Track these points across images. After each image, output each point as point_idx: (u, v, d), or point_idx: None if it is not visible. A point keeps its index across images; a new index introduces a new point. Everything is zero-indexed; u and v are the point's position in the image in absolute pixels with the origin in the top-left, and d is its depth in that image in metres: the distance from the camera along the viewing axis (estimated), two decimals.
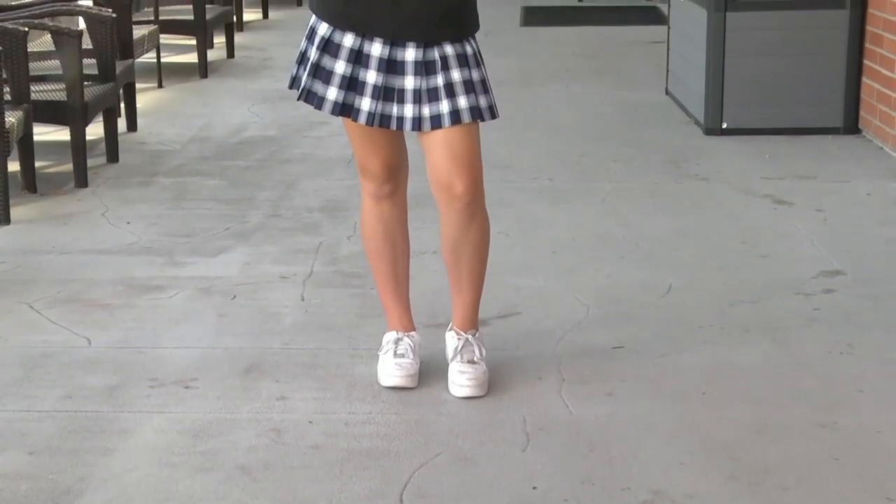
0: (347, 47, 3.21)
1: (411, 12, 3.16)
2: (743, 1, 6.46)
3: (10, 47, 5.13)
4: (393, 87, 3.21)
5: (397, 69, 3.21)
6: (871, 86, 6.35)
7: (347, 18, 3.20)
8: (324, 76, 3.24)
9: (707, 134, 6.56)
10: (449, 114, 3.19)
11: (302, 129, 6.74)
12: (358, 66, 3.22)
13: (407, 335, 3.52)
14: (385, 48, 3.20)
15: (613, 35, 10.13)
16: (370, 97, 3.22)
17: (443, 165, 3.24)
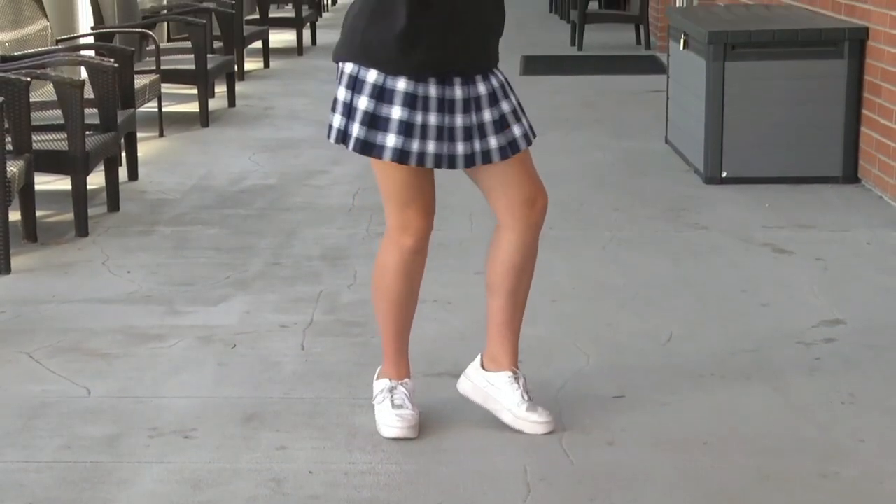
0: (402, 92, 3.23)
1: (475, 47, 3.29)
2: (741, 51, 6.49)
3: (13, 97, 5.16)
4: (454, 125, 3.27)
5: (455, 107, 3.27)
6: (869, 135, 6.38)
7: (406, 62, 3.22)
8: (381, 124, 3.24)
9: (707, 183, 6.57)
10: (522, 137, 3.36)
11: (302, 178, 6.76)
12: (415, 110, 3.23)
13: (401, 383, 3.51)
14: (440, 88, 3.24)
15: (613, 84, 10.18)
16: (434, 139, 3.25)
17: (526, 184, 3.39)
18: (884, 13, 6.22)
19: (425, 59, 3.23)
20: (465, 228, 5.64)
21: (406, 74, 3.22)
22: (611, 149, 7.55)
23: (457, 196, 5.82)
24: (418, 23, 3.19)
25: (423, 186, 3.35)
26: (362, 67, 3.25)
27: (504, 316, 3.49)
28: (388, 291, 3.45)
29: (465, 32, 3.26)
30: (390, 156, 3.24)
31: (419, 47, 3.21)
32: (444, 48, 3.23)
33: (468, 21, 3.26)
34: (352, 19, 3.30)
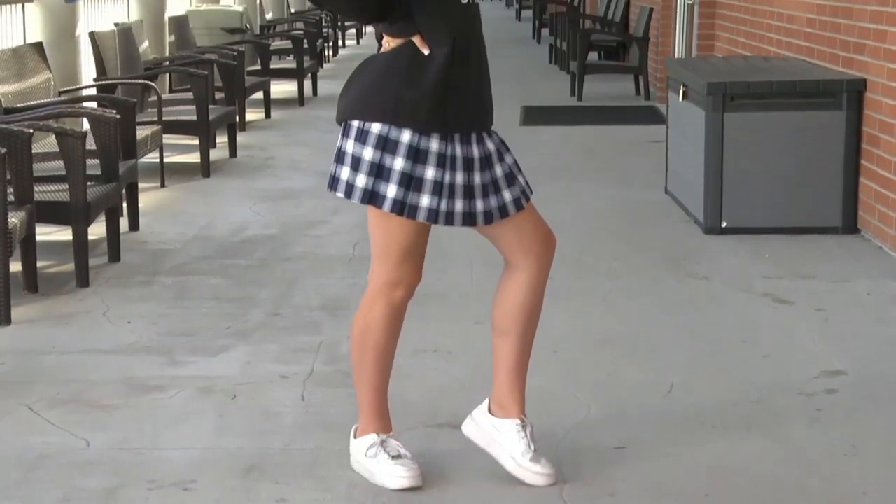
0: (435, 152, 3.26)
1: (487, 101, 3.38)
2: (740, 102, 6.53)
3: (15, 149, 5.17)
4: (473, 183, 3.32)
5: (474, 165, 3.32)
6: (868, 186, 6.40)
7: (440, 121, 3.26)
8: (416, 185, 3.25)
9: (707, 233, 6.58)
10: (526, 185, 3.44)
11: (303, 228, 6.77)
12: (445, 170, 3.27)
13: (389, 436, 3.49)
14: (463, 147, 3.30)
15: (613, 134, 10.22)
16: (461, 198, 3.29)
17: (542, 225, 3.47)
18: (881, 65, 6.25)
19: (458, 116, 3.28)
20: (466, 278, 5.64)
21: (439, 133, 3.26)
22: (611, 198, 7.57)
23: (456, 246, 5.84)
24: (456, 79, 3.25)
25: (424, 242, 3.38)
26: (393, 127, 3.25)
27: (513, 360, 3.50)
28: (376, 347, 3.43)
29: (481, 89, 3.34)
30: (425, 216, 3.27)
31: (454, 104, 3.26)
32: (473, 104, 3.31)
33: (484, 79, 3.36)
34: (374, 77, 3.29)
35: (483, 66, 3.35)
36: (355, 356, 3.47)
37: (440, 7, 3.25)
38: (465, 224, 3.34)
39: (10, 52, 6.78)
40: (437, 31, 3.24)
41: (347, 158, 3.30)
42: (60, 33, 7.92)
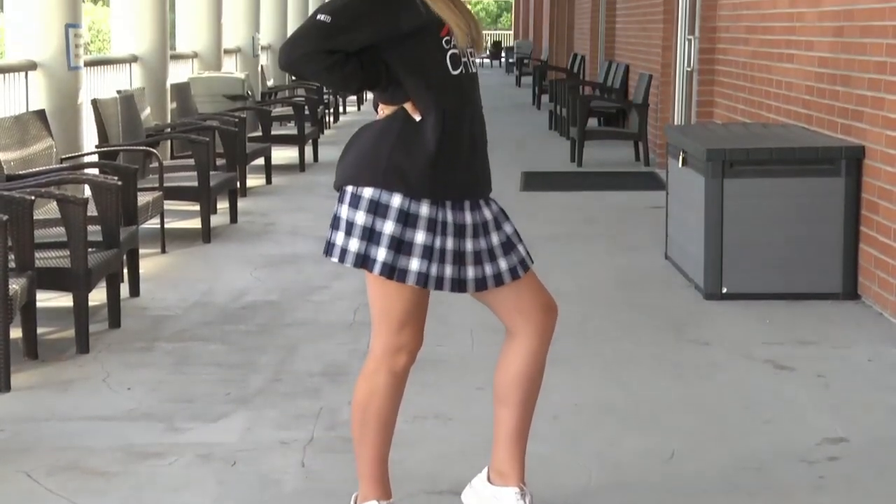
0: (426, 217, 3.28)
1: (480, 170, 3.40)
2: (739, 168, 6.55)
3: (17, 215, 5.19)
4: (465, 250, 3.33)
5: (466, 232, 3.34)
6: (868, 252, 6.41)
7: (432, 186, 3.28)
8: (405, 249, 3.27)
9: (707, 299, 6.59)
10: (527, 255, 3.47)
11: (303, 294, 6.78)
12: (436, 235, 3.29)
13: (390, 503, 3.47)
14: (455, 213, 3.31)
15: (612, 200, 10.25)
16: (451, 264, 3.30)
17: (540, 292, 3.48)
18: (879, 132, 6.29)
19: (448, 183, 3.30)
20: (466, 345, 5.63)
21: (429, 199, 3.28)
22: (611, 264, 7.58)
23: (456, 312, 5.83)
24: (447, 147, 3.28)
25: (424, 308, 3.39)
26: (385, 191, 3.27)
27: (513, 428, 3.49)
28: (378, 415, 3.41)
29: (474, 159, 3.36)
30: (414, 280, 3.27)
31: (444, 171, 3.28)
32: (465, 172, 3.33)
33: (479, 145, 3.38)
34: (368, 144, 3.32)
35: (477, 135, 3.37)
36: (356, 423, 3.45)
37: (429, 77, 3.28)
38: (455, 290, 3.33)
39: (13, 120, 6.82)
40: (428, 100, 3.27)
41: (342, 224, 3.33)
42: (63, 100, 7.97)
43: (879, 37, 6.34)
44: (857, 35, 6.70)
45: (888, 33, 6.22)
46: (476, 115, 3.38)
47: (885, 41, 6.25)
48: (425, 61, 3.26)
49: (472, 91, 3.37)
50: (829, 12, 7.20)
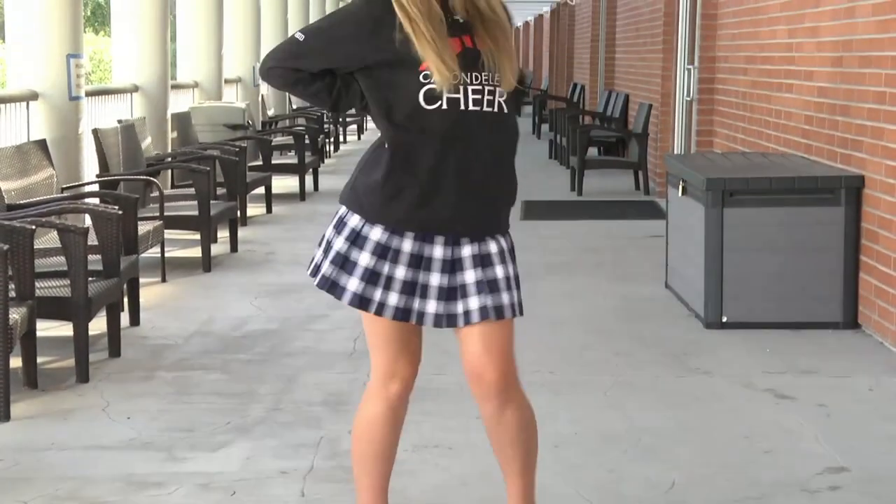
0: (374, 241, 3.25)
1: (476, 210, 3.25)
2: (739, 197, 6.56)
3: (17, 245, 5.19)
4: (428, 283, 3.26)
5: (432, 266, 3.27)
6: (868, 281, 6.41)
7: (411, 221, 3.23)
8: (348, 267, 3.27)
9: (707, 328, 6.58)
10: (494, 308, 3.25)
11: (304, 323, 6.77)
12: (383, 260, 3.25)
13: None
14: (417, 244, 3.25)
15: (613, 229, 10.26)
16: (398, 292, 3.25)
17: (476, 357, 3.29)
18: (879, 162, 6.30)
19: (403, 214, 3.23)
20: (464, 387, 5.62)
21: (383, 224, 3.25)
22: (611, 293, 7.58)
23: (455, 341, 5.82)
24: (398, 178, 3.22)
25: (410, 335, 3.35)
26: (349, 211, 3.30)
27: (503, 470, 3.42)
28: (375, 443, 3.40)
29: (469, 196, 3.24)
30: (348, 299, 3.27)
31: (399, 202, 3.22)
32: (425, 208, 3.22)
33: (473, 185, 3.24)
34: (355, 167, 3.37)
35: (473, 174, 3.24)
36: (355, 452, 3.45)
37: (392, 108, 3.22)
38: (411, 321, 3.27)
39: (14, 150, 6.83)
40: (387, 130, 3.24)
41: (323, 241, 3.36)
42: (64, 130, 7.99)
43: (878, 67, 6.36)
44: (855, 65, 6.72)
45: (887, 63, 6.24)
46: (472, 154, 3.23)
47: (884, 71, 6.27)
48: (392, 93, 3.21)
49: (465, 128, 3.22)
50: (828, 42, 7.23)
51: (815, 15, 7.50)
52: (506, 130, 3.27)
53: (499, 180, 3.29)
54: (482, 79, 3.21)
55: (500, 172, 3.29)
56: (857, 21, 6.73)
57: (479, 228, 3.29)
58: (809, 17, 7.61)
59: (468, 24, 3.24)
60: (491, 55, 3.22)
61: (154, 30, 10.65)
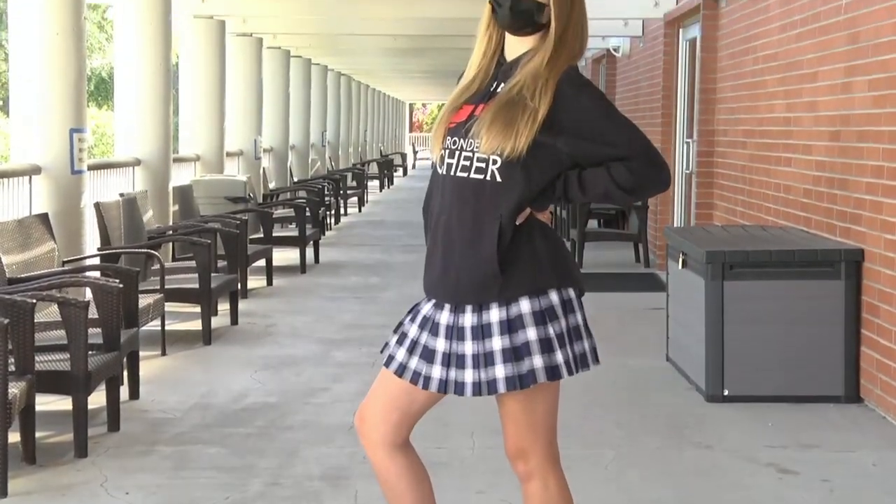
0: (422, 314, 3.35)
1: (456, 276, 3.25)
2: (739, 270, 6.57)
3: (17, 319, 5.19)
4: (435, 348, 3.29)
5: (438, 331, 3.29)
6: (870, 355, 6.40)
7: (423, 283, 3.35)
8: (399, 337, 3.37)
9: (709, 401, 6.56)
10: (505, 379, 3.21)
11: (304, 396, 6.75)
12: (425, 331, 3.32)
13: None
14: (432, 310, 3.31)
15: (613, 301, 10.26)
16: (440, 364, 3.27)
17: (512, 434, 3.30)
18: (878, 235, 6.32)
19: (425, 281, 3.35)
20: (466, 447, 5.60)
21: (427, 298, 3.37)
22: (612, 365, 7.56)
23: (456, 413, 5.80)
24: (428, 246, 3.35)
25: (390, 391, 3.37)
26: None
27: None
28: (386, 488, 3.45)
29: (438, 261, 3.29)
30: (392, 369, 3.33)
31: (426, 271, 3.34)
32: (437, 275, 3.30)
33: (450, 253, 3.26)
34: None
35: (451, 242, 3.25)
36: None
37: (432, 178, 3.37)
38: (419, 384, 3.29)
39: (16, 223, 6.85)
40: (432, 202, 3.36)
41: None
42: (66, 204, 8.02)
43: (876, 141, 6.40)
44: (853, 139, 6.76)
45: (884, 138, 6.28)
46: (455, 220, 3.25)
47: (882, 146, 6.31)
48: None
49: (452, 194, 3.25)
50: (825, 117, 7.28)
51: (812, 90, 7.56)
52: (490, 199, 3.21)
53: (479, 249, 3.21)
54: (473, 145, 3.23)
55: (478, 240, 3.22)
56: (854, 96, 6.79)
57: (457, 296, 3.25)
58: (807, 92, 7.66)
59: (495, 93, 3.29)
60: (479, 122, 3.22)
61: (156, 104, 10.74)
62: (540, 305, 3.21)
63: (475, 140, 3.21)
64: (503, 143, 3.17)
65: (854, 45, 6.81)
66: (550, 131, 3.18)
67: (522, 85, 3.20)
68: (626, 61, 15.96)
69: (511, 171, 3.19)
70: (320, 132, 23.46)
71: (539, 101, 3.18)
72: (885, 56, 6.32)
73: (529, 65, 3.23)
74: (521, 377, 3.20)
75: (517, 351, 3.20)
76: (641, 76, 14.58)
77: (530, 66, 3.23)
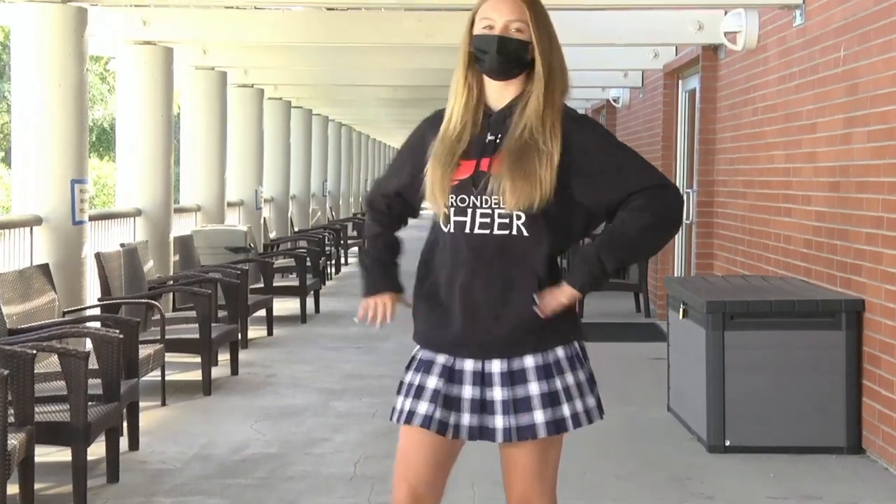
0: (441, 364, 3.29)
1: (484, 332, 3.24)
2: (740, 320, 6.57)
3: (17, 370, 5.18)
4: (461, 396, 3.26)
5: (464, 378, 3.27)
6: (872, 406, 6.38)
7: (429, 339, 3.31)
8: (415, 392, 3.28)
9: (710, 451, 6.54)
10: (517, 428, 3.22)
11: (304, 446, 6.73)
12: (451, 383, 3.26)
13: None
14: (478, 362, 3.26)
15: (614, 351, 10.24)
16: (468, 412, 3.24)
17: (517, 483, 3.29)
18: (878, 286, 6.32)
19: (425, 331, 3.32)
20: (467, 497, 5.57)
21: (440, 351, 3.31)
22: (613, 416, 7.49)
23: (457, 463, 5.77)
24: (424, 295, 3.32)
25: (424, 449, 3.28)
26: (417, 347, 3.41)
27: None
28: None
29: (458, 318, 3.26)
30: (419, 422, 3.24)
31: (423, 320, 3.32)
32: (438, 327, 3.29)
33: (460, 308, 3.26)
34: None
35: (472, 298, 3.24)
36: None
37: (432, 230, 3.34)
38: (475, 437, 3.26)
39: (17, 274, 6.86)
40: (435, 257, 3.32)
41: None
42: (67, 254, 8.03)
43: (875, 192, 6.42)
44: (853, 190, 6.78)
45: (883, 189, 6.30)
46: (476, 277, 3.24)
47: (881, 197, 6.32)
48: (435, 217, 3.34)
49: (471, 251, 3.24)
50: (825, 168, 7.30)
51: (811, 141, 7.59)
52: (519, 255, 3.22)
53: (507, 304, 3.23)
54: (491, 202, 3.21)
55: (508, 296, 3.23)
56: (853, 147, 6.81)
57: (490, 352, 3.26)
58: (806, 143, 7.69)
59: (499, 145, 3.24)
60: (498, 178, 3.19)
61: (158, 155, 10.78)
62: (571, 352, 3.28)
63: (495, 196, 3.20)
64: (531, 196, 3.17)
65: (853, 97, 6.85)
66: (563, 171, 3.20)
67: (531, 129, 3.20)
68: (626, 112, 16.03)
69: (535, 222, 3.21)
70: (321, 182, 23.53)
71: (551, 143, 3.19)
72: (884, 108, 6.36)
73: (529, 107, 3.22)
74: (559, 422, 3.23)
75: (554, 396, 3.22)
76: (641, 126, 14.64)
77: (530, 108, 3.22)
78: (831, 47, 7.25)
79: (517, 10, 3.24)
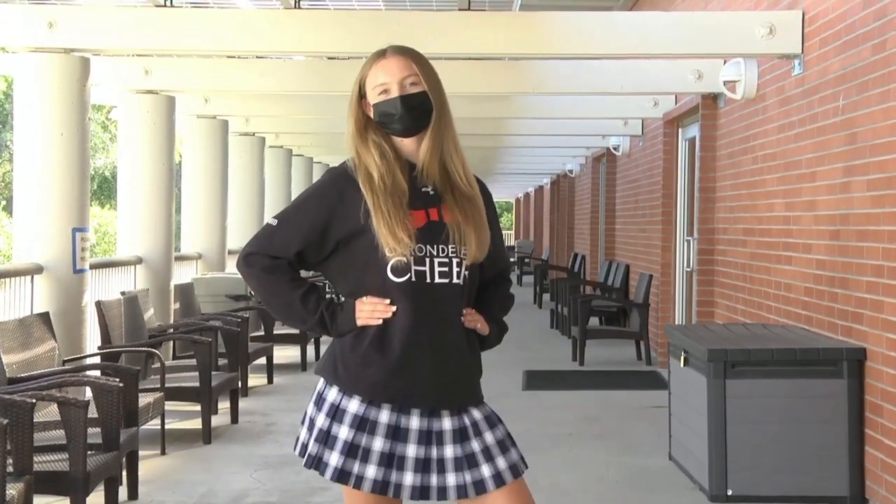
0: (385, 423, 3.21)
1: (450, 380, 3.23)
2: (741, 369, 6.55)
3: (17, 419, 5.17)
4: (431, 457, 3.21)
5: (434, 440, 3.22)
6: (874, 455, 6.35)
7: (387, 390, 3.21)
8: (360, 454, 3.20)
9: (712, 501, 6.51)
10: (491, 477, 3.22)
11: (303, 495, 6.69)
12: (396, 441, 3.21)
13: None
14: (424, 420, 3.22)
15: (615, 399, 10.21)
16: (412, 471, 3.20)
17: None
18: (880, 335, 6.31)
19: (379, 385, 3.21)
20: None
21: (360, 395, 3.22)
22: (614, 465, 7.51)
23: None
24: (374, 350, 3.22)
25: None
26: (327, 384, 3.27)
27: None
28: None
29: (427, 369, 3.22)
30: (330, 474, 3.20)
31: (374, 372, 3.21)
32: (400, 379, 3.20)
33: (428, 358, 3.22)
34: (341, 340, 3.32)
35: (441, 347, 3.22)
36: None
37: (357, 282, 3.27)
38: (429, 497, 3.22)
39: (17, 323, 6.86)
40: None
41: (306, 419, 3.32)
42: (68, 303, 8.03)
43: (875, 241, 6.42)
44: (853, 239, 6.79)
45: (884, 238, 6.30)
46: (444, 326, 3.23)
47: (881, 245, 6.33)
48: (362, 267, 3.24)
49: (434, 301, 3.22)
50: (825, 216, 7.31)
51: (811, 189, 7.61)
52: (465, 303, 3.29)
53: (469, 351, 3.30)
54: (448, 251, 3.23)
55: (469, 344, 3.30)
56: (853, 196, 6.83)
57: (456, 401, 3.26)
58: (806, 192, 7.71)
59: (438, 196, 3.27)
60: (457, 227, 3.23)
61: (159, 203, 10.81)
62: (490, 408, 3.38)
63: (452, 246, 3.23)
64: (487, 245, 3.29)
65: (852, 146, 6.87)
66: None
67: (462, 177, 3.29)
68: (626, 160, 16.09)
69: (473, 272, 3.30)
70: None
71: (475, 189, 3.33)
72: (883, 157, 6.38)
73: (447, 154, 3.28)
74: (514, 466, 3.26)
75: (502, 444, 3.28)
76: (641, 174, 14.68)
77: (448, 155, 3.29)
78: (830, 97, 7.29)
79: (405, 66, 3.27)
